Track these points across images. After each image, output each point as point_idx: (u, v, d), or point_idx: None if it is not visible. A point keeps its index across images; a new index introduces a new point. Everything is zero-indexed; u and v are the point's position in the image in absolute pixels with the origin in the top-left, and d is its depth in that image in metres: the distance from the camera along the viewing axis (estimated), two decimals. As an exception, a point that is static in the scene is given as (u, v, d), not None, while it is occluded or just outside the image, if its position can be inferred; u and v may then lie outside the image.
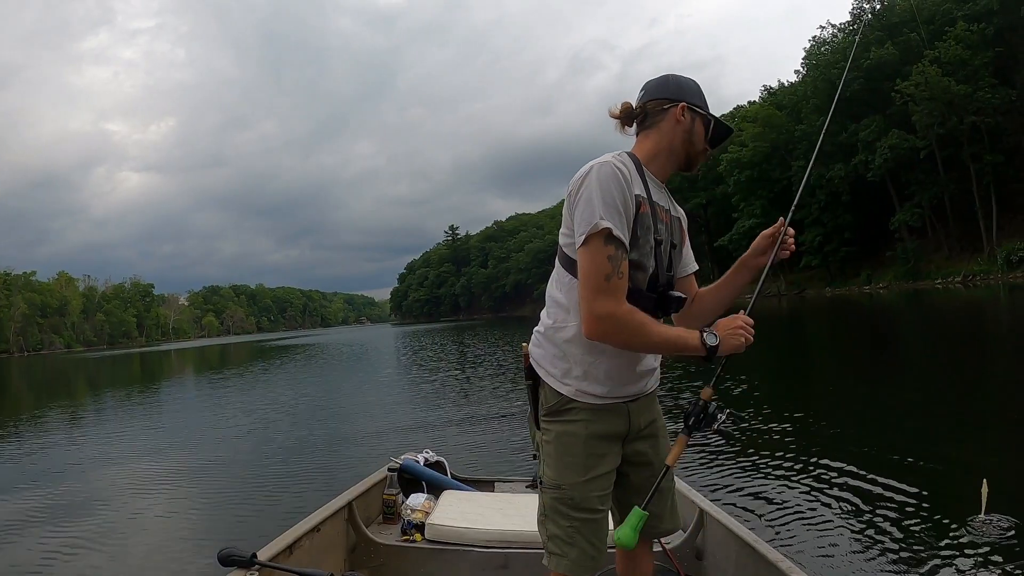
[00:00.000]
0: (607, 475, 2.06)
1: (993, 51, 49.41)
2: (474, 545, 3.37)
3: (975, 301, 30.87)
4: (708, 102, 2.15)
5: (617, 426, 2.07)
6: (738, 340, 1.98)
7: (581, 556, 1.99)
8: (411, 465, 4.26)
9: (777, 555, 2.71)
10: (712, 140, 2.18)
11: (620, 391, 2.06)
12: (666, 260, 2.11)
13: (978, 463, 5.78)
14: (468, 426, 9.43)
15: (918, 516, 4.74)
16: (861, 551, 4.24)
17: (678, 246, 2.18)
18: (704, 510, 3.36)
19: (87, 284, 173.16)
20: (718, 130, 2.18)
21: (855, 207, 59.27)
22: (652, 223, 2.01)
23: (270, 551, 2.89)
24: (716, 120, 2.17)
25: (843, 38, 61.70)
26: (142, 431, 11.47)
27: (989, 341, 15.83)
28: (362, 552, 3.51)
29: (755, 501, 5.39)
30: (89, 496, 7.12)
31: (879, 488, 5.43)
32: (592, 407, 2.03)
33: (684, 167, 2.17)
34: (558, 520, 2.02)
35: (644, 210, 1.97)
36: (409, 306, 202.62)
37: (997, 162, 49.97)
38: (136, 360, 54.66)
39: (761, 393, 10.83)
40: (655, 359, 2.17)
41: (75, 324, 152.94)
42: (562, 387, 2.04)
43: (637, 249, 1.97)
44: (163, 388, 23.04)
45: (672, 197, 2.21)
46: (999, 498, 4.40)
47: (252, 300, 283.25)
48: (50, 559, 5.15)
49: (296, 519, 3.32)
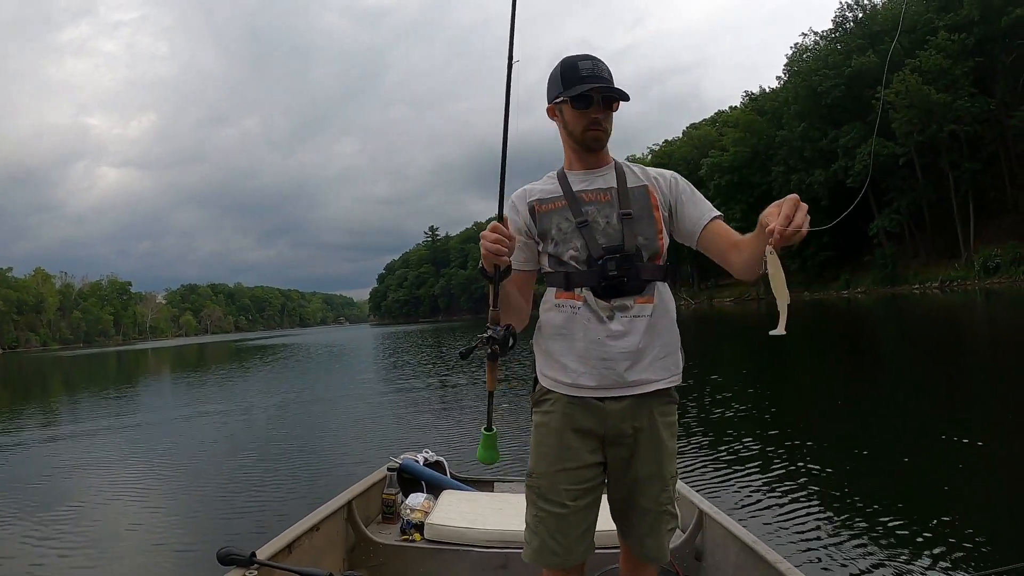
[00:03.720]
0: (579, 471, 2.04)
1: (973, 61, 50.17)
2: (473, 545, 3.35)
3: (952, 306, 31.26)
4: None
5: (591, 423, 2.05)
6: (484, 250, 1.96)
7: (541, 548, 2.05)
8: (410, 465, 4.23)
9: (776, 556, 2.71)
10: (576, 102, 2.07)
11: (587, 381, 2.04)
12: (612, 233, 2.08)
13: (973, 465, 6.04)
14: (467, 426, 9.37)
15: (917, 516, 4.81)
16: (860, 551, 4.26)
17: (633, 214, 2.10)
18: (703, 511, 3.35)
19: (64, 281, 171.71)
20: (575, 99, 2.07)
21: (834, 212, 59.49)
22: (567, 211, 2.13)
23: (269, 550, 2.86)
24: (571, 95, 2.07)
25: (825, 45, 62.27)
26: (137, 431, 11.28)
27: (968, 345, 16.07)
28: (361, 552, 3.47)
29: (754, 502, 5.43)
30: (87, 496, 7.01)
31: (878, 488, 5.54)
32: (567, 399, 2.07)
33: (587, 150, 2.14)
34: (529, 508, 2.11)
35: (546, 209, 2.15)
36: (388, 307, 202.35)
37: (975, 170, 50.82)
38: (116, 359, 54.06)
39: (761, 395, 11.00)
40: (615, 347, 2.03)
41: (51, 322, 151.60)
42: (541, 378, 2.15)
43: (550, 241, 2.12)
44: (151, 388, 22.79)
45: (632, 172, 2.20)
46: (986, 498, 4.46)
47: (230, 299, 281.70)
48: (50, 559, 5.06)
49: (295, 518, 3.28)
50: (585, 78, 2.05)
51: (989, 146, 51.05)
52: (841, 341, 20.57)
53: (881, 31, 57.00)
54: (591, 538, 2.09)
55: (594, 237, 2.07)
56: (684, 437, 7.88)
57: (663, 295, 2.11)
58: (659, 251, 2.10)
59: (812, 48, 64.04)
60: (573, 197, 2.13)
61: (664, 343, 2.09)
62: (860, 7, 60.83)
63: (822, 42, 63.47)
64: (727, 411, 9.46)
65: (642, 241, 2.08)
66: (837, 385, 11.86)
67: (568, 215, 2.11)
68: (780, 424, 8.47)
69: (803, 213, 1.70)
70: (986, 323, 21.75)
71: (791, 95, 62.19)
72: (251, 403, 14.28)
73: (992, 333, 18.22)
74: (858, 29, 59.52)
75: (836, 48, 60.16)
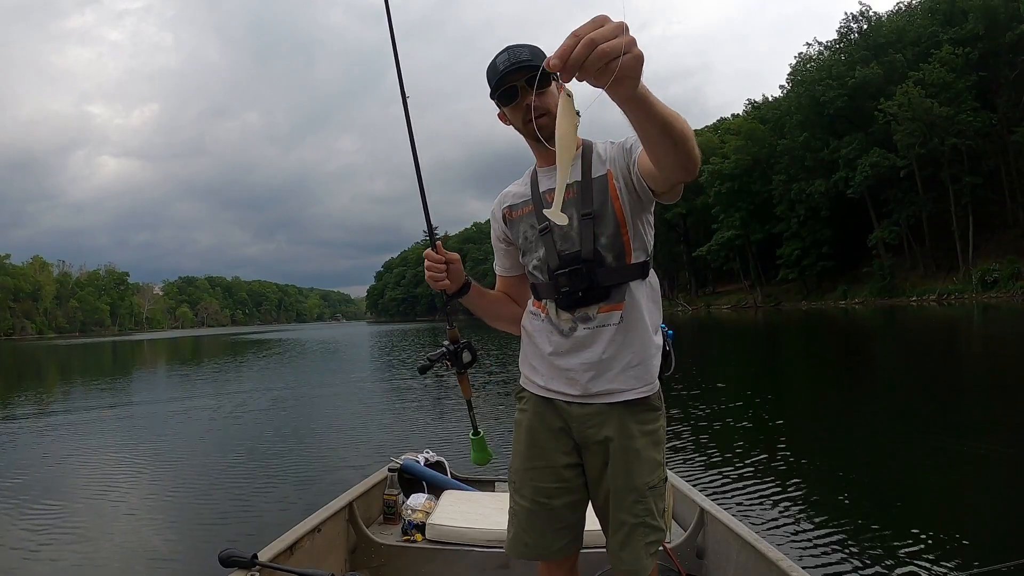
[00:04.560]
0: (553, 470, 2.03)
1: (976, 75, 50.33)
2: (475, 545, 3.35)
3: (949, 319, 31.33)
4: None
5: (561, 424, 2.03)
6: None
7: (514, 540, 2.09)
8: (411, 465, 4.22)
9: (777, 554, 2.70)
10: (501, 98, 1.97)
11: (552, 383, 2.04)
12: (573, 237, 1.96)
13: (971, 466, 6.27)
14: (468, 426, 9.22)
15: (916, 515, 4.93)
16: (860, 549, 4.31)
17: (595, 212, 1.94)
18: (705, 509, 3.36)
19: (61, 270, 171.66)
20: (500, 97, 1.97)
21: (834, 222, 59.91)
22: (532, 217, 2.07)
23: (271, 551, 2.85)
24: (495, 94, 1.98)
25: (829, 56, 62.41)
26: (137, 429, 11.10)
27: (964, 357, 16.23)
28: (363, 552, 3.47)
29: (756, 500, 5.48)
30: (87, 495, 6.91)
31: (878, 489, 5.67)
32: (537, 398, 2.08)
33: (540, 141, 1.77)
34: (509, 500, 2.15)
35: (516, 215, 2.12)
36: (385, 305, 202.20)
37: (976, 184, 50.90)
38: (112, 350, 53.82)
39: (762, 398, 11.11)
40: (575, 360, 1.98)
41: (48, 310, 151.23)
42: (521, 375, 2.18)
43: (520, 250, 2.14)
44: (147, 383, 22.55)
45: (598, 156, 2.00)
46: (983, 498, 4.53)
47: (227, 292, 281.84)
48: (49, 559, 5.01)
49: (296, 519, 3.27)
50: (502, 71, 1.90)
51: (990, 161, 51.15)
52: (840, 350, 20.65)
53: (885, 43, 57.13)
54: (573, 535, 2.08)
55: (554, 245, 1.99)
56: (688, 438, 7.98)
57: (636, 297, 1.95)
58: (624, 249, 1.95)
59: (816, 58, 64.13)
60: (539, 200, 2.05)
61: (636, 351, 1.95)
62: (865, 18, 60.95)
63: (826, 52, 63.56)
64: (728, 413, 9.57)
65: (604, 242, 1.95)
66: (836, 391, 12.01)
67: (533, 221, 2.06)
68: (780, 426, 8.70)
69: (609, 30, 1.13)
70: (982, 337, 21.85)
71: (794, 104, 62.27)
72: (251, 402, 14.19)
73: (987, 347, 18.36)
74: (862, 40, 59.62)
75: (840, 59, 60.29)
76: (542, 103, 1.88)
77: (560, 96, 1.27)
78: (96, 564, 4.91)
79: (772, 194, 64.20)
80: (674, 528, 3.64)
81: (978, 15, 49.98)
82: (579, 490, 2.06)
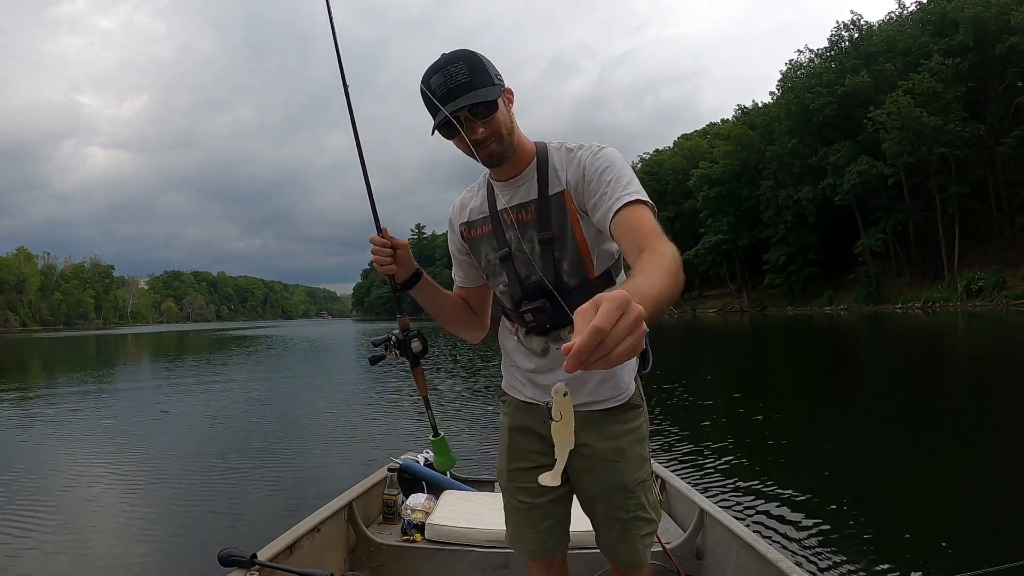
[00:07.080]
0: (529, 471, 2.03)
1: (965, 86, 50.77)
2: (474, 545, 3.34)
3: (934, 327, 31.62)
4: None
5: (535, 424, 2.04)
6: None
7: (514, 534, 2.14)
8: (411, 465, 4.22)
9: (777, 554, 2.71)
10: (444, 131, 1.75)
11: (531, 393, 2.05)
12: (536, 262, 1.87)
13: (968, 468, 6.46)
14: (468, 426, 9.33)
15: (914, 516, 5.01)
16: (859, 550, 4.35)
17: (554, 235, 1.84)
18: (704, 510, 3.36)
19: (46, 261, 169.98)
20: (441, 130, 1.75)
21: (821, 229, 60.26)
22: (493, 239, 1.97)
23: (270, 551, 2.84)
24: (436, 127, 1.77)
25: (819, 63, 62.78)
26: (135, 429, 10.96)
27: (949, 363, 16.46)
28: (362, 552, 3.46)
29: (755, 502, 5.52)
30: (85, 495, 6.83)
31: (877, 489, 5.77)
32: (517, 401, 2.11)
33: (486, 163, 1.82)
34: (502, 497, 2.19)
35: (476, 234, 2.02)
36: (371, 303, 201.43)
37: (962, 193, 51.36)
38: (96, 343, 53.41)
39: (754, 400, 11.21)
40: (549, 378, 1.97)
41: (32, 302, 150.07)
42: (503, 380, 2.20)
43: (483, 272, 2.07)
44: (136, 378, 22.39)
45: (555, 171, 1.86)
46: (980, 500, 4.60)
47: (213, 288, 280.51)
48: (48, 559, 4.97)
49: (296, 519, 3.26)
50: (441, 99, 1.70)
51: (977, 171, 51.60)
52: (828, 355, 20.84)
53: (876, 52, 57.54)
54: (562, 532, 2.11)
55: (516, 274, 1.93)
56: (686, 438, 8.04)
57: None
58: (587, 269, 1.87)
59: (807, 65, 64.54)
60: (497, 221, 1.94)
61: None
62: (856, 27, 61.38)
63: (816, 60, 64.01)
64: (726, 415, 9.71)
65: (567, 268, 1.87)
66: (828, 394, 12.18)
67: (494, 244, 1.96)
68: (778, 428, 8.86)
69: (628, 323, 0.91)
70: (966, 344, 22.12)
71: (783, 111, 62.65)
72: (251, 402, 14.12)
73: (971, 355, 18.64)
74: (852, 49, 60.07)
75: (830, 66, 60.71)
76: (491, 130, 1.74)
77: (555, 397, 1.11)
78: (95, 564, 4.87)
79: (760, 199, 64.54)
80: (674, 529, 3.66)
81: (968, 27, 50.46)
82: (562, 487, 2.05)
